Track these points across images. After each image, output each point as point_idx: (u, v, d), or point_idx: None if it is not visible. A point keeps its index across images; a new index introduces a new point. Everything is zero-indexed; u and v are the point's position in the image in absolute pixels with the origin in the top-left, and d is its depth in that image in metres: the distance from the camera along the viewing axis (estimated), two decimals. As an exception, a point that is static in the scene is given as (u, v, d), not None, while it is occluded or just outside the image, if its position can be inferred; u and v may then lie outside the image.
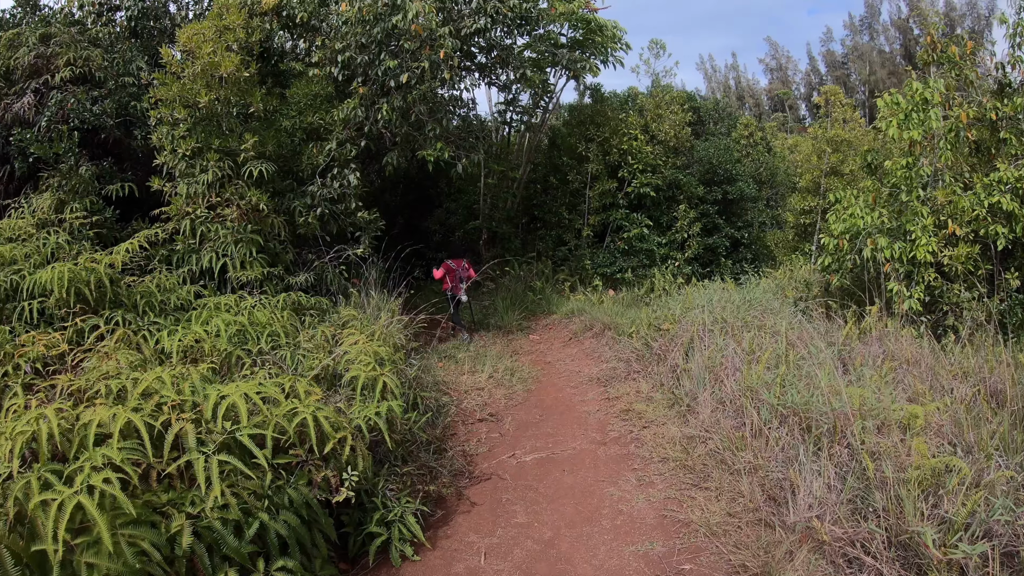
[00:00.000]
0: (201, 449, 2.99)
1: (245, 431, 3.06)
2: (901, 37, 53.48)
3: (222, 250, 7.19)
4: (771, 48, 61.67)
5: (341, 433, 3.44)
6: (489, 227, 13.30)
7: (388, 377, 4.53)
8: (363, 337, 5.71)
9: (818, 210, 16.75)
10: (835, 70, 56.83)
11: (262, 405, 3.28)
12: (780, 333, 6.70)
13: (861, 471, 4.39)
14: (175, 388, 3.28)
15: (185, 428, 3.00)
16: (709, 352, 6.06)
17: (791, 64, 60.53)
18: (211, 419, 3.13)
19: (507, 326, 10.25)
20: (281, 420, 3.30)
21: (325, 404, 3.92)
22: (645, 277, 12.85)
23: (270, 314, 6.01)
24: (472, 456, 5.60)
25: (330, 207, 8.30)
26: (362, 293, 8.13)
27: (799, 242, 17.85)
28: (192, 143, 7.48)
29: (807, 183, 17.47)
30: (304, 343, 5.37)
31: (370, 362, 4.86)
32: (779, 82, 60.63)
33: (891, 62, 53.12)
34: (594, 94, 14.45)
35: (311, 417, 3.30)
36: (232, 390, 3.21)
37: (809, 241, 17.74)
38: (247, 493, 3.02)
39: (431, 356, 8.49)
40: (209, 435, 3.07)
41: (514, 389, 7.28)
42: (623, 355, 7.57)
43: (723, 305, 7.53)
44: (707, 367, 5.97)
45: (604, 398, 6.71)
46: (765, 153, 20.61)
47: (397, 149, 8.54)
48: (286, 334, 5.78)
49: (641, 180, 13.26)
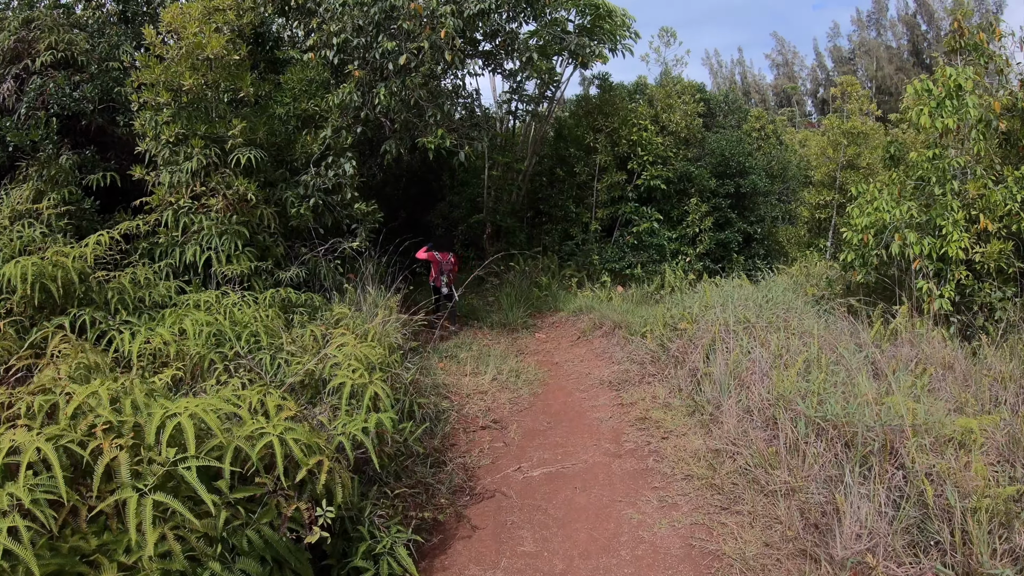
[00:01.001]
0: (138, 484, 2.41)
1: (192, 462, 2.47)
2: (908, 33, 52.53)
3: (207, 243, 6.61)
4: (777, 43, 60.54)
5: (316, 458, 2.86)
6: (493, 220, 12.69)
7: (378, 386, 3.95)
8: (354, 338, 5.12)
9: (833, 204, 16.08)
10: (842, 66, 55.93)
11: (218, 427, 2.69)
12: (810, 335, 6.08)
13: (918, 496, 3.78)
14: (115, 405, 2.70)
15: (118, 458, 2.42)
16: (734, 356, 5.44)
17: (797, 60, 59.54)
18: (154, 445, 2.55)
19: (512, 323, 9.65)
20: (243, 444, 2.71)
21: (302, 419, 3.34)
22: (655, 273, 12.21)
23: (253, 312, 5.42)
24: (474, 470, 5.01)
25: (324, 198, 7.71)
26: (358, 289, 7.55)
27: (813, 237, 17.17)
28: (176, 129, 6.90)
29: (822, 176, 16.78)
30: (288, 345, 4.78)
31: (359, 367, 4.27)
32: (785, 78, 59.72)
33: (898, 58, 52.19)
34: (602, 83, 13.79)
35: (278, 440, 2.72)
36: (182, 408, 2.62)
37: (824, 236, 17.07)
38: (196, 537, 2.43)
39: (431, 356, 7.91)
40: (150, 466, 2.48)
41: (519, 393, 6.69)
42: (636, 356, 6.96)
43: (743, 304, 6.91)
44: (731, 372, 5.36)
45: (617, 404, 6.11)
46: (777, 146, 19.91)
47: (396, 137, 7.93)
48: (269, 335, 5.20)
49: (651, 172, 12.61)
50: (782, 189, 19.16)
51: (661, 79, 14.93)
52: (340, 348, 4.76)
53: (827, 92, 54.86)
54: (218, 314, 5.14)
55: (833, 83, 54.32)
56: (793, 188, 19.57)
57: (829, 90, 28.82)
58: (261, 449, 2.74)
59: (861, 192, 9.22)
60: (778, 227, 16.87)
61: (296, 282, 7.29)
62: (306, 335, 5.54)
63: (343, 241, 7.98)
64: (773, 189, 16.90)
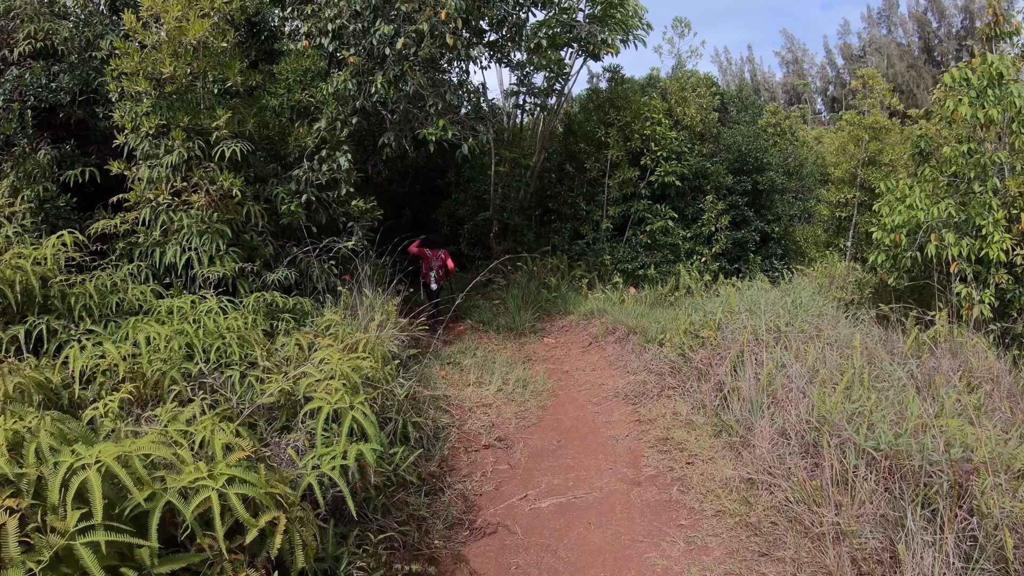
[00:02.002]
0: (30, 561, 1.84)
1: (99, 533, 1.89)
2: (919, 30, 51.45)
3: (188, 243, 6.07)
4: (787, 41, 59.48)
5: (268, 516, 2.28)
6: (500, 218, 12.07)
7: (361, 411, 3.36)
8: (341, 349, 4.55)
9: (854, 203, 15.35)
10: (852, 63, 54.93)
11: (145, 479, 2.12)
12: (847, 345, 5.46)
13: (996, 549, 3.16)
14: (14, 453, 2.13)
15: (6, 525, 1.85)
16: (766, 370, 4.82)
17: (807, 57, 58.49)
18: (58, 505, 1.98)
19: (519, 328, 9.05)
20: (175, 500, 2.14)
21: (260, 460, 2.76)
22: (669, 274, 11.56)
23: (231, 321, 4.86)
24: (474, 498, 4.43)
25: (318, 194, 7.14)
26: (354, 292, 6.98)
27: (832, 237, 16.45)
28: (156, 120, 6.35)
29: (842, 173, 16.05)
30: (263, 360, 4.21)
31: (341, 387, 3.69)
32: (795, 75, 58.73)
33: (909, 55, 51.11)
34: (613, 75, 13.13)
35: (216, 496, 2.14)
36: (94, 456, 2.05)
37: (843, 236, 16.34)
38: (102, 629, 1.86)
39: (432, 363, 7.33)
40: (49, 535, 1.91)
41: (527, 406, 6.09)
42: (653, 366, 6.34)
43: (770, 309, 6.28)
44: (763, 388, 4.74)
45: (634, 420, 5.50)
46: (792, 143, 19.18)
47: (395, 129, 7.34)
48: (247, 346, 4.63)
49: (665, 168, 11.94)
50: (798, 187, 18.46)
51: (675, 71, 14.24)
52: (323, 363, 4.19)
53: (837, 90, 53.89)
54: (192, 322, 4.58)
55: (853, 76, 53.31)
56: (809, 186, 18.87)
57: (850, 82, 27.95)
58: (200, 505, 2.17)
59: (890, 188, 8.59)
60: (795, 226, 16.16)
61: (286, 285, 6.73)
62: (290, 345, 4.98)
63: (339, 240, 7.41)
64: (790, 186, 16.21)
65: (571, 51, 11.99)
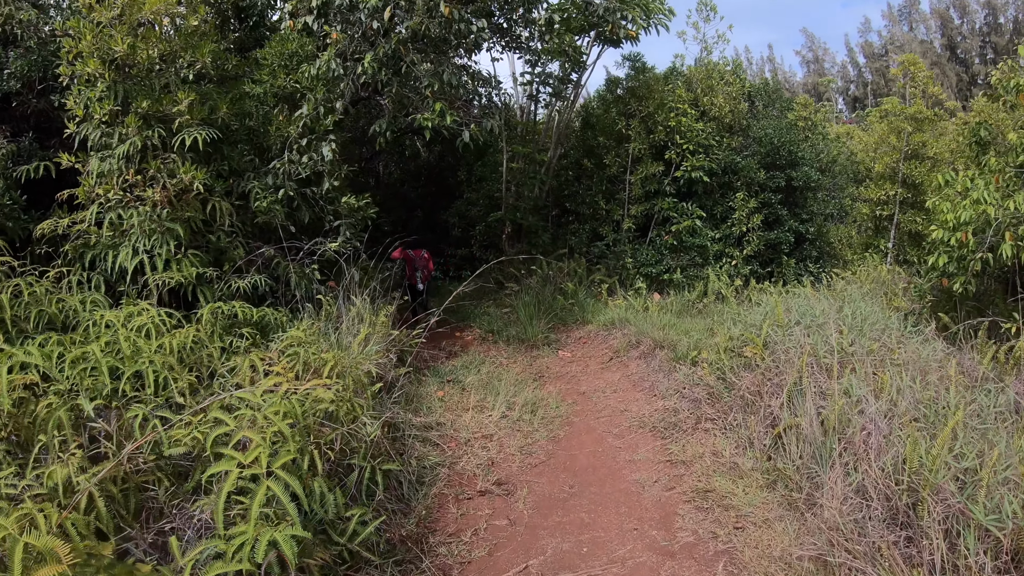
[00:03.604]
0: None
1: None
2: (941, 27, 49.43)
3: (142, 245, 5.16)
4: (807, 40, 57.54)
5: None
6: (513, 219, 11.03)
7: (283, 477, 2.37)
8: (295, 376, 3.58)
9: (896, 200, 14.02)
10: (873, 61, 53.09)
11: None
12: (924, 369, 4.33)
13: None
14: None
15: None
16: (837, 406, 3.71)
17: (828, 56, 56.66)
18: None
19: (531, 339, 8.01)
20: None
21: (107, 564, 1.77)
22: (697, 278, 10.40)
23: (170, 339, 3.92)
24: (459, 570, 3.41)
25: (298, 189, 6.20)
26: (338, 300, 6.02)
27: (872, 237, 15.12)
28: (110, 105, 5.46)
29: (882, 168, 14.72)
30: (177, 396, 3.24)
31: (274, 435, 2.70)
32: (815, 74, 56.97)
33: (932, 52, 49.06)
34: (634, 64, 12.02)
35: None
36: None
37: (883, 236, 15.00)
38: None
39: (430, 381, 6.34)
40: None
41: (535, 437, 5.05)
42: (687, 390, 5.25)
43: (823, 321, 5.16)
44: (832, 429, 3.64)
45: (664, 460, 4.43)
46: (823, 139, 17.85)
47: (388, 115, 6.36)
48: (185, 368, 3.69)
49: (692, 163, 10.78)
50: (830, 184, 17.15)
51: (701, 58, 13.07)
52: (265, 395, 3.22)
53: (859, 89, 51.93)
54: (109, 343, 3.65)
55: (875, 73, 51.28)
56: (841, 184, 17.54)
57: (890, 69, 26.41)
58: None
59: (948, 181, 7.43)
60: (829, 226, 14.86)
61: (261, 292, 5.80)
62: (243, 368, 4.03)
63: (325, 242, 6.47)
64: (824, 184, 14.93)
65: (588, 40, 10.94)
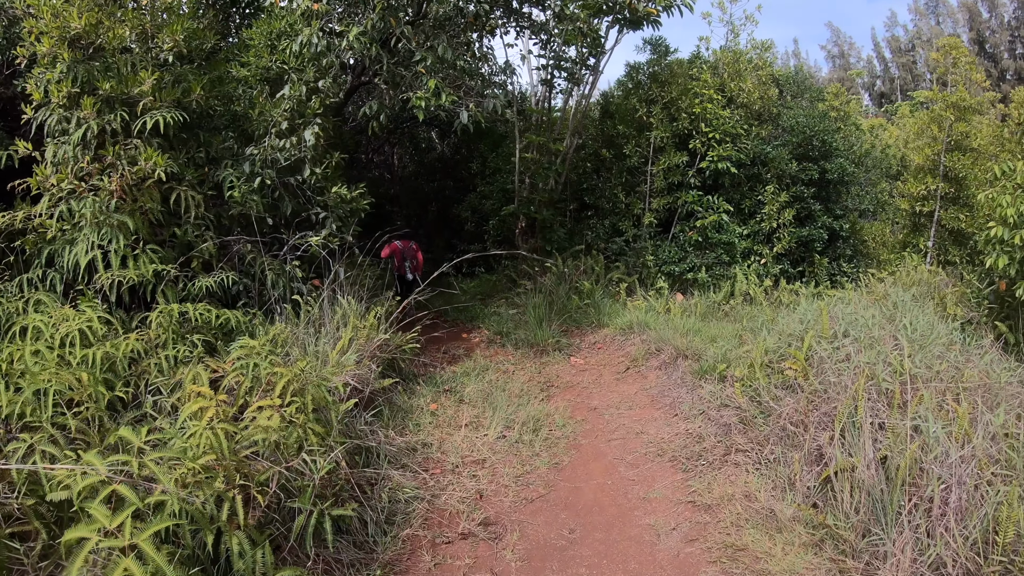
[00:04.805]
0: None
1: None
2: (969, 21, 47.23)
3: (96, 239, 4.54)
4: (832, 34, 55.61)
5: None
6: (527, 212, 10.26)
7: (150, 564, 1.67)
8: (221, 398, 2.90)
9: (937, 195, 12.87)
10: (900, 56, 51.14)
11: None
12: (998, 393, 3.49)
13: None
14: None
15: None
16: (909, 451, 2.89)
17: (853, 51, 54.68)
18: None
19: (541, 343, 7.26)
20: None
21: None
22: (723, 278, 9.53)
23: (96, 351, 3.27)
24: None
25: (275, 176, 5.53)
26: (320, 300, 5.35)
27: (909, 235, 13.97)
28: (68, 87, 4.86)
29: (923, 160, 13.56)
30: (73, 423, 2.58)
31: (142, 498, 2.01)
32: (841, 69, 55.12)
33: (960, 47, 47.03)
34: (655, 47, 11.15)
35: None
36: None
37: (921, 234, 13.83)
38: None
39: (423, 391, 5.63)
40: None
41: (534, 464, 4.31)
42: (713, 412, 4.44)
43: (874, 330, 4.32)
44: (900, 479, 2.84)
45: (686, 500, 3.65)
46: (856, 128, 16.69)
47: (380, 96, 5.67)
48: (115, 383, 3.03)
49: (718, 152, 9.89)
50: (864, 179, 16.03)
51: (728, 42, 12.10)
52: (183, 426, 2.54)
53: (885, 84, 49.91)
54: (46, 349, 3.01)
55: (902, 68, 49.26)
56: (874, 178, 16.40)
57: (928, 54, 24.98)
58: None
59: (1007, 173, 6.53)
60: (862, 223, 13.77)
61: (234, 292, 5.17)
62: (187, 383, 3.37)
63: (313, 234, 5.80)
64: (858, 177, 13.84)
65: (606, 23, 10.11)
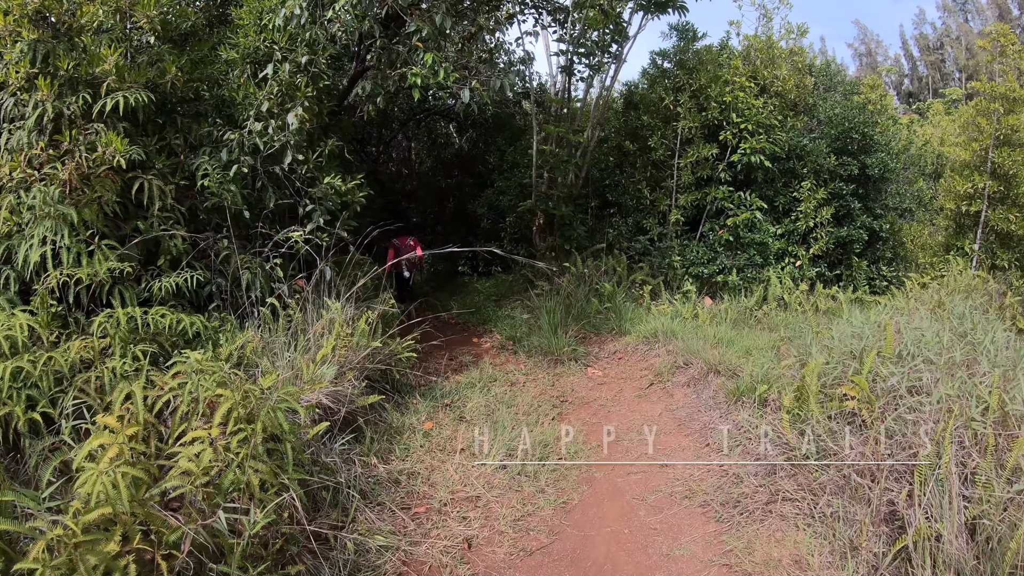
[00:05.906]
0: None
1: None
2: (999, 18, 45.14)
3: (47, 233, 3.98)
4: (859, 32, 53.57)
5: None
6: (544, 208, 9.54)
7: None
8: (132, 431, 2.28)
9: (985, 194, 11.76)
10: (928, 55, 49.17)
11: None
12: None
13: None
14: None
15: None
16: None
17: (880, 49, 52.72)
18: None
19: (556, 351, 6.56)
20: None
21: None
22: (755, 281, 8.71)
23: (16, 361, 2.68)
24: None
25: (253, 164, 4.92)
26: (302, 304, 4.73)
27: (952, 237, 12.84)
28: (26, 67, 4.32)
29: (969, 155, 12.45)
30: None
31: None
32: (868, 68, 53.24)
33: (992, 44, 45.01)
34: (682, 33, 10.32)
35: None
36: None
37: (965, 236, 12.66)
38: None
39: (419, 405, 4.98)
40: None
41: (537, 503, 3.62)
42: (752, 444, 3.70)
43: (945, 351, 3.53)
44: (1004, 559, 2.09)
45: (720, 562, 2.92)
46: (894, 122, 15.56)
47: (372, 72, 5.03)
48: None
49: (750, 145, 9.04)
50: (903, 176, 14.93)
51: (760, 26, 11.19)
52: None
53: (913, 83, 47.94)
54: None
55: (930, 67, 47.38)
56: (911, 176, 15.25)
57: (973, 43, 23.66)
58: None
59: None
60: (901, 223, 12.70)
61: (207, 293, 4.58)
62: (116, 403, 2.77)
63: (300, 229, 5.19)
64: (899, 174, 12.78)
65: (629, 7, 9.35)
